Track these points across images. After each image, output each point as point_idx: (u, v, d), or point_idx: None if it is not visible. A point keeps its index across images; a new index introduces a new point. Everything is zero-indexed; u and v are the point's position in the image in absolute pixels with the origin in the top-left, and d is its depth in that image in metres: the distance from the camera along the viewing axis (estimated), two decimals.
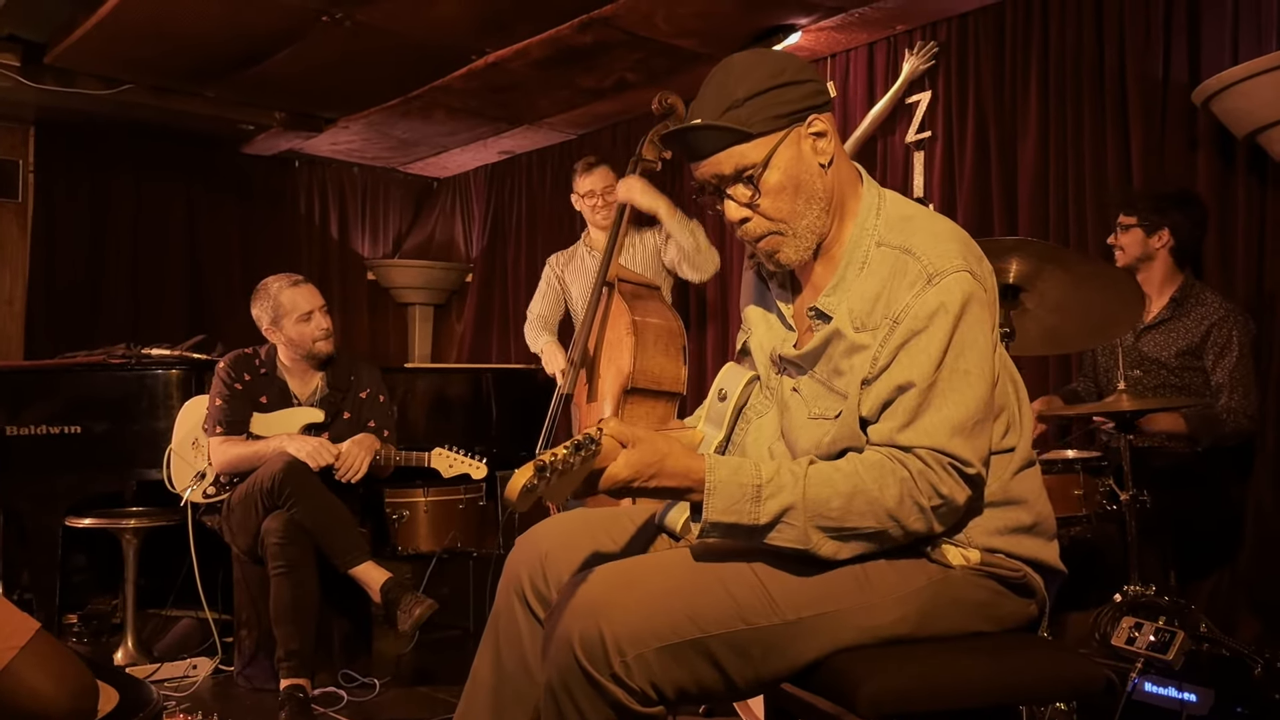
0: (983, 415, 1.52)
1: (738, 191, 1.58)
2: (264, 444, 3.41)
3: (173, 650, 3.81)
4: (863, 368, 1.55)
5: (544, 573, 1.72)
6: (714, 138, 1.55)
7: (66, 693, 1.60)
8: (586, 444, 1.38)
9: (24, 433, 3.81)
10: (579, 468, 1.39)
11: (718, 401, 1.78)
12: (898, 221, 1.60)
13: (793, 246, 1.61)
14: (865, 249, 1.60)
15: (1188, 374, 3.08)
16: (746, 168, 1.56)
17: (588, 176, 4.03)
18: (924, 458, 1.48)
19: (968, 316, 1.51)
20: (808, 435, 1.62)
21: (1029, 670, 1.58)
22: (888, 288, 1.55)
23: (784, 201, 1.58)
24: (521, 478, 1.32)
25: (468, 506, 4.05)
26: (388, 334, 6.63)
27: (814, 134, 1.59)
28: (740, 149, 1.55)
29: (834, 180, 1.61)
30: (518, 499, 1.33)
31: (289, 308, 3.49)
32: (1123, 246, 3.17)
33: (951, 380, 1.49)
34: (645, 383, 3.55)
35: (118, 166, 5.58)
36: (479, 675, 1.77)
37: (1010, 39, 3.83)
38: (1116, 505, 2.68)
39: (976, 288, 1.52)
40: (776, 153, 1.56)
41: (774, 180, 1.56)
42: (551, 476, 1.34)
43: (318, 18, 4.00)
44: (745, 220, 1.60)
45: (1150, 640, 2.31)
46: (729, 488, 1.47)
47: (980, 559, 1.56)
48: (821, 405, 1.62)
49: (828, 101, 1.61)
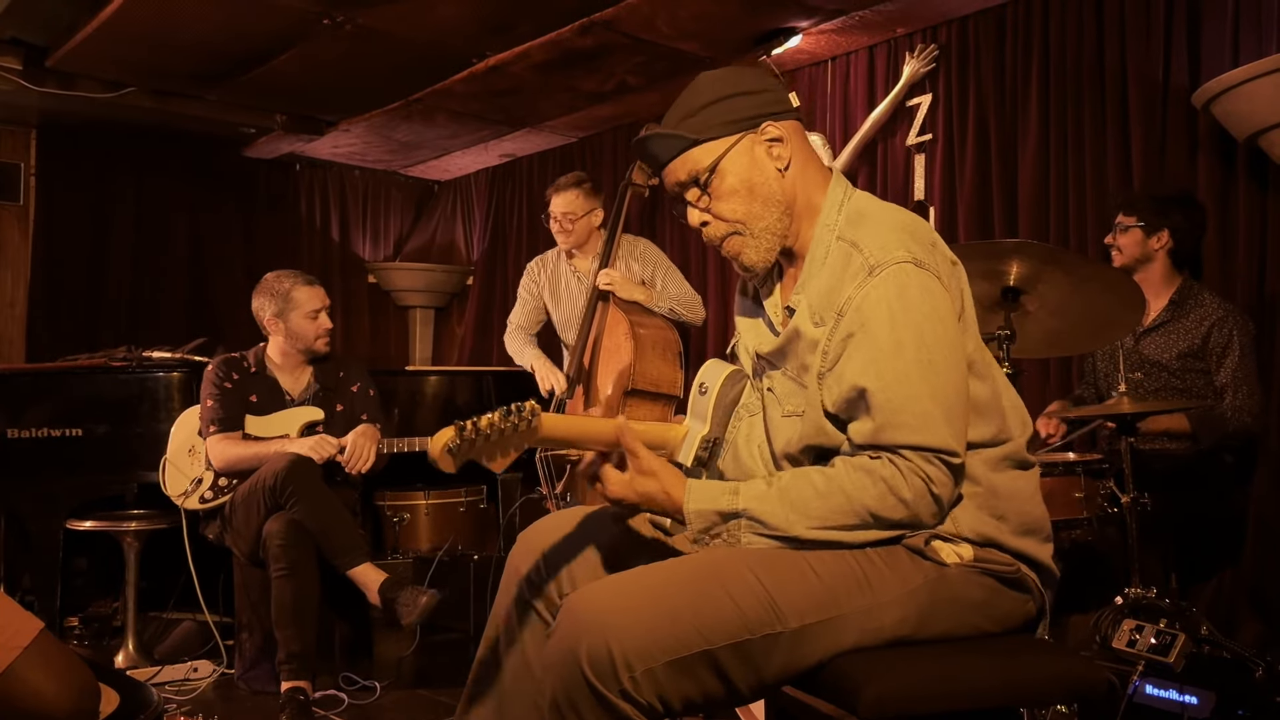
0: (958, 400, 1.53)
1: (693, 196, 1.67)
2: (264, 446, 3.43)
3: (174, 653, 3.80)
4: (818, 362, 1.58)
5: (543, 569, 1.74)
6: (668, 145, 1.66)
7: (69, 694, 1.60)
8: (516, 411, 1.43)
9: (25, 435, 3.81)
10: (510, 434, 1.44)
11: (699, 395, 1.81)
12: (855, 216, 1.64)
13: (753, 248, 1.67)
14: (827, 244, 1.63)
15: (1189, 376, 3.08)
16: (697, 171, 1.65)
17: (555, 197, 4.02)
18: (909, 456, 1.50)
19: (918, 306, 1.52)
20: (781, 433, 1.66)
21: (1030, 673, 1.58)
22: (837, 280, 1.58)
23: (738, 204, 1.65)
24: (442, 439, 1.37)
25: (468, 509, 4.05)
26: (389, 337, 6.63)
27: (769, 140, 1.65)
28: (692, 154, 1.64)
29: (795, 184, 1.66)
30: (439, 458, 1.41)
31: (300, 302, 3.54)
32: (1121, 247, 3.18)
33: (920, 372, 1.50)
34: (644, 384, 3.57)
35: (119, 169, 5.58)
36: (480, 672, 1.79)
37: (1011, 42, 3.83)
38: (1117, 508, 2.68)
39: (923, 275, 1.54)
40: (726, 157, 1.63)
41: (726, 184, 1.64)
42: (477, 439, 1.39)
43: (319, 21, 4.00)
44: (705, 224, 1.68)
45: (1151, 643, 2.31)
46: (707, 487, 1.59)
47: (973, 555, 1.57)
48: (793, 402, 1.65)
49: (787, 110, 1.67)
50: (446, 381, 4.56)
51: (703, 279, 4.87)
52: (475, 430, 1.39)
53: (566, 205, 3.99)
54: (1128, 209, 3.18)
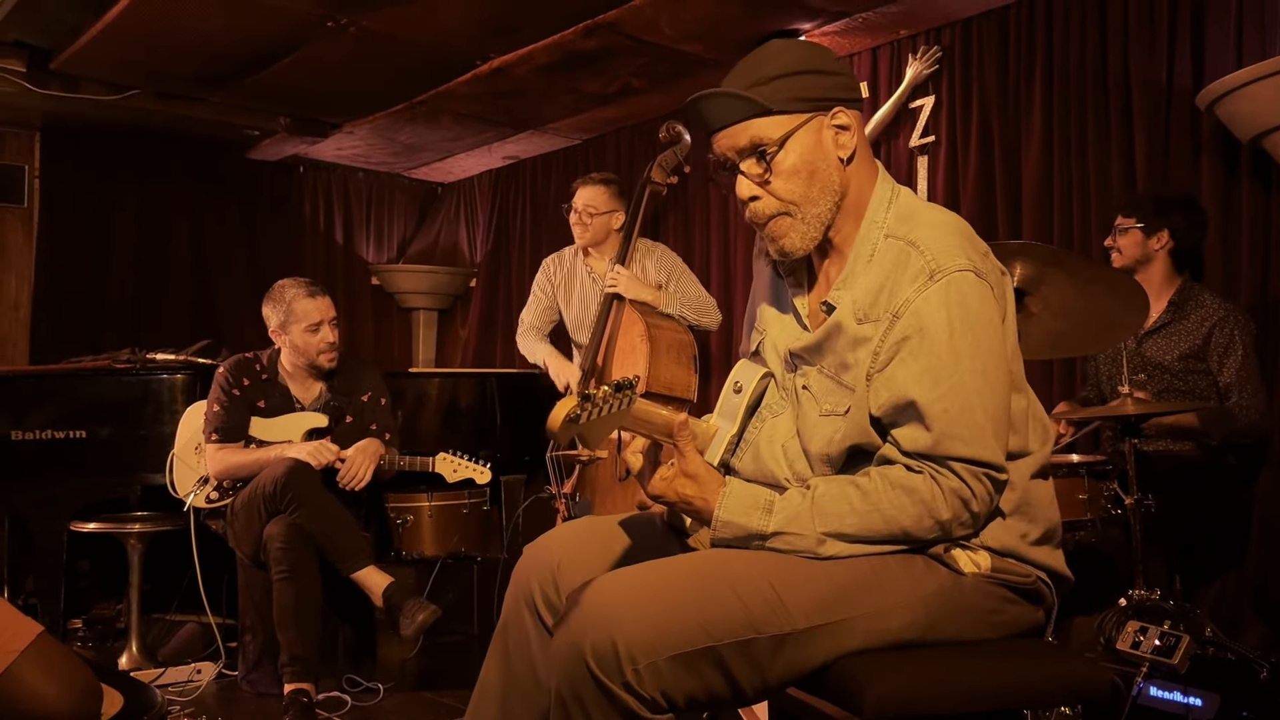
0: (1005, 415, 1.52)
1: (750, 167, 1.59)
2: (263, 452, 3.42)
3: (177, 655, 3.81)
4: (867, 361, 1.54)
5: (555, 582, 1.70)
6: (735, 107, 1.57)
7: (69, 696, 1.60)
8: (625, 386, 1.41)
9: (29, 437, 3.81)
10: (615, 411, 1.42)
11: (733, 394, 1.77)
12: (906, 214, 1.61)
13: (799, 232, 1.61)
14: (874, 241, 1.60)
15: (1191, 377, 3.07)
16: (762, 143, 1.57)
17: (581, 189, 4.04)
18: (959, 471, 1.48)
19: (977, 316, 1.50)
20: (820, 433, 1.62)
21: (1034, 674, 1.58)
22: (890, 279, 1.55)
23: (797, 184, 1.58)
24: (565, 408, 1.36)
25: (472, 511, 4.05)
26: (392, 339, 6.63)
27: (837, 126, 1.60)
28: (759, 123, 1.56)
29: (852, 176, 1.62)
30: (560, 429, 1.38)
31: (300, 315, 3.50)
32: (1120, 248, 3.18)
33: (976, 384, 1.48)
34: (659, 388, 3.57)
35: (123, 172, 5.59)
36: (487, 683, 1.75)
37: (1014, 43, 3.83)
38: (1121, 510, 2.68)
39: (981, 285, 1.52)
40: (795, 135, 1.57)
41: (789, 162, 1.57)
42: (594, 410, 1.38)
43: (323, 23, 4.00)
44: (755, 199, 1.61)
45: (1155, 644, 2.31)
46: (742, 499, 1.54)
47: (991, 565, 1.56)
48: (832, 401, 1.61)
49: (858, 99, 1.63)
50: (450, 383, 4.56)
51: (705, 283, 4.86)
52: (594, 404, 1.37)
53: (590, 199, 4.00)
54: (1127, 210, 3.19)
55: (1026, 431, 1.62)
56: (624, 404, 1.43)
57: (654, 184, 3.83)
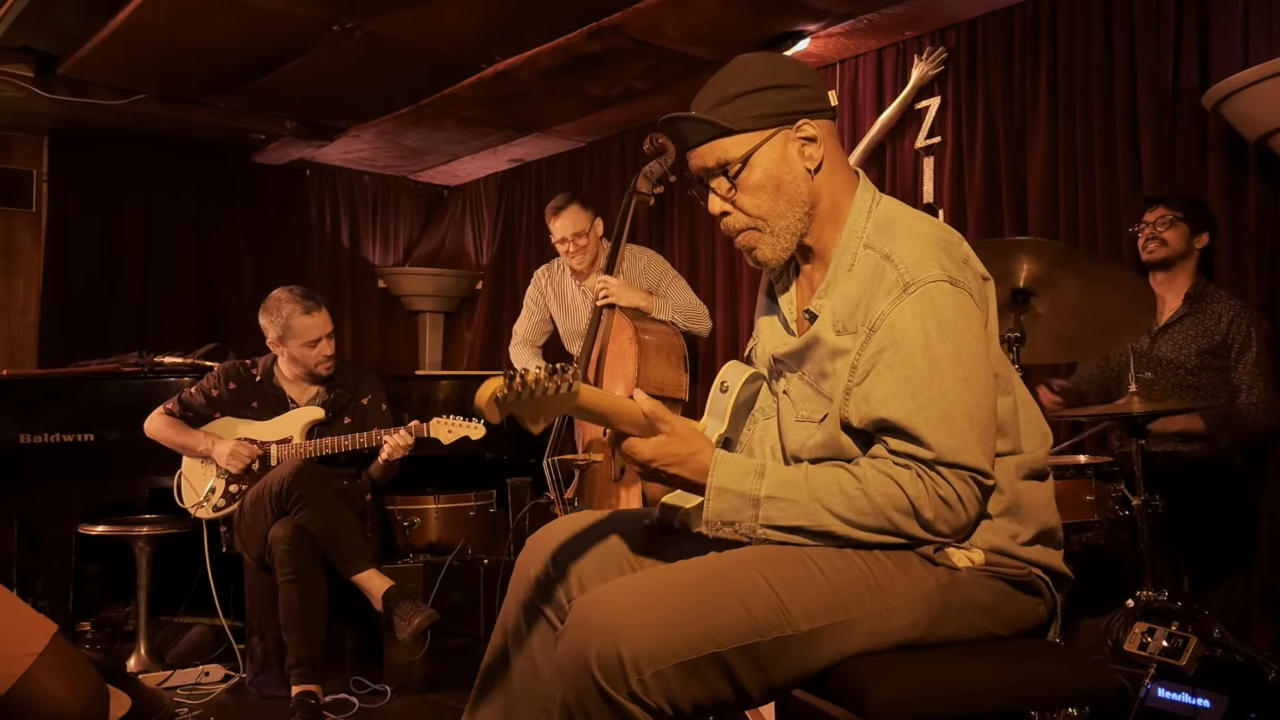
0: (990, 420, 1.53)
1: (718, 185, 1.64)
2: (194, 436, 3.55)
3: (185, 657, 3.82)
4: (845, 373, 1.56)
5: (552, 573, 1.74)
6: (699, 130, 1.61)
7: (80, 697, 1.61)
8: (560, 371, 1.43)
9: (38, 441, 3.83)
10: (551, 395, 1.43)
11: (719, 393, 1.80)
12: (884, 224, 1.62)
13: (769, 245, 1.65)
14: (854, 250, 1.62)
15: (1206, 374, 3.06)
16: (726, 162, 1.61)
17: (555, 221, 4.03)
18: (945, 475, 1.49)
19: (954, 324, 1.51)
20: (794, 437, 1.65)
21: (1041, 676, 1.57)
22: (867, 292, 1.56)
23: (763, 200, 1.62)
24: (491, 387, 1.37)
25: (478, 513, 4.05)
26: (398, 342, 6.64)
27: (803, 138, 1.62)
28: (722, 144, 1.60)
29: (823, 186, 1.64)
30: (485, 406, 1.38)
31: (297, 331, 3.52)
32: (1167, 240, 3.14)
33: (958, 391, 1.49)
34: (650, 389, 3.57)
35: (130, 176, 5.61)
36: (487, 676, 1.78)
37: (1019, 44, 3.82)
38: (1128, 511, 2.67)
39: (958, 294, 1.53)
40: (758, 151, 1.60)
41: (754, 178, 1.61)
42: (523, 392, 1.38)
43: (328, 27, 4.02)
44: (725, 214, 1.66)
45: (1163, 646, 2.30)
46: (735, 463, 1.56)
47: (984, 559, 1.56)
48: (808, 408, 1.64)
49: (825, 109, 1.63)
50: (457, 385, 4.57)
51: (711, 286, 4.87)
52: (522, 383, 1.38)
53: (574, 224, 4.00)
54: (1171, 204, 3.15)
55: (1017, 433, 1.62)
56: (561, 388, 1.43)
57: (640, 194, 3.83)
